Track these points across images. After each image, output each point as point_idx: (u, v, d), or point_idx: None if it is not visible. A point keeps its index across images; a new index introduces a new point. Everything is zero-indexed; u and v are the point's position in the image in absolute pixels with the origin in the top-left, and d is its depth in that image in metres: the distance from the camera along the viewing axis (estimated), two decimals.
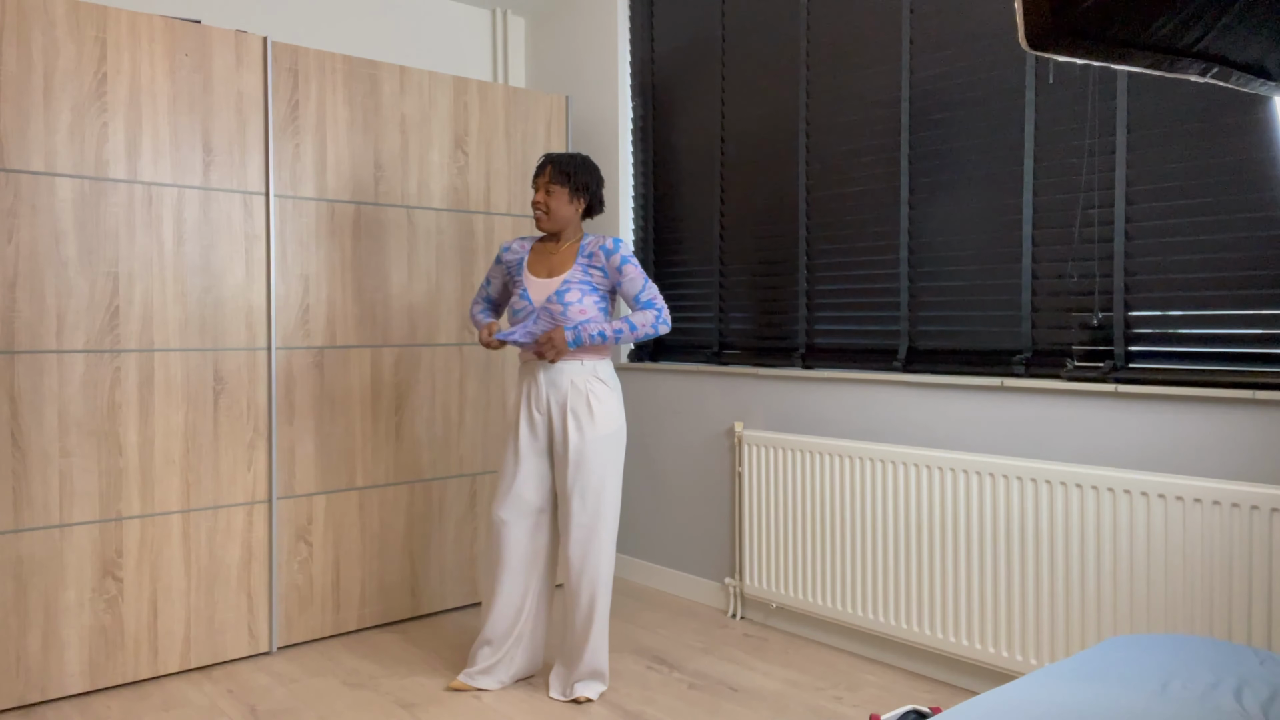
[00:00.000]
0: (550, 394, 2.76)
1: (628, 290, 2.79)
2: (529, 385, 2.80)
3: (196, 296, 3.02)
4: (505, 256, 2.90)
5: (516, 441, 2.80)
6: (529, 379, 2.80)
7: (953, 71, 2.90)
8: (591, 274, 2.77)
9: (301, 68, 3.22)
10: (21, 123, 2.70)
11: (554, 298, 2.73)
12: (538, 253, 2.87)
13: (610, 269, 2.78)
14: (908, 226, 3.04)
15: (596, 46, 4.16)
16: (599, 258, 2.78)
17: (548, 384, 2.76)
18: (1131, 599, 2.40)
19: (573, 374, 2.75)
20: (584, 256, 2.78)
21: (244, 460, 3.11)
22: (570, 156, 2.81)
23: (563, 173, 2.77)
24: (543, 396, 2.76)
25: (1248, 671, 1.60)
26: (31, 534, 2.74)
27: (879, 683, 2.89)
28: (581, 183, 2.79)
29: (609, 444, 2.75)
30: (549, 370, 2.75)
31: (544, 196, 2.78)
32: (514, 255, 2.88)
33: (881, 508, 2.97)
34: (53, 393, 2.77)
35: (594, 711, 2.71)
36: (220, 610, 3.08)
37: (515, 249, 2.89)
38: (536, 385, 2.77)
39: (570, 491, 2.74)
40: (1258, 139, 2.30)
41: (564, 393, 2.74)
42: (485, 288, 3.00)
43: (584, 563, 2.75)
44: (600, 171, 2.84)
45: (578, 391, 2.74)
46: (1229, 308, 2.36)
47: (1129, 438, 2.49)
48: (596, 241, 2.80)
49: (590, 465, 2.72)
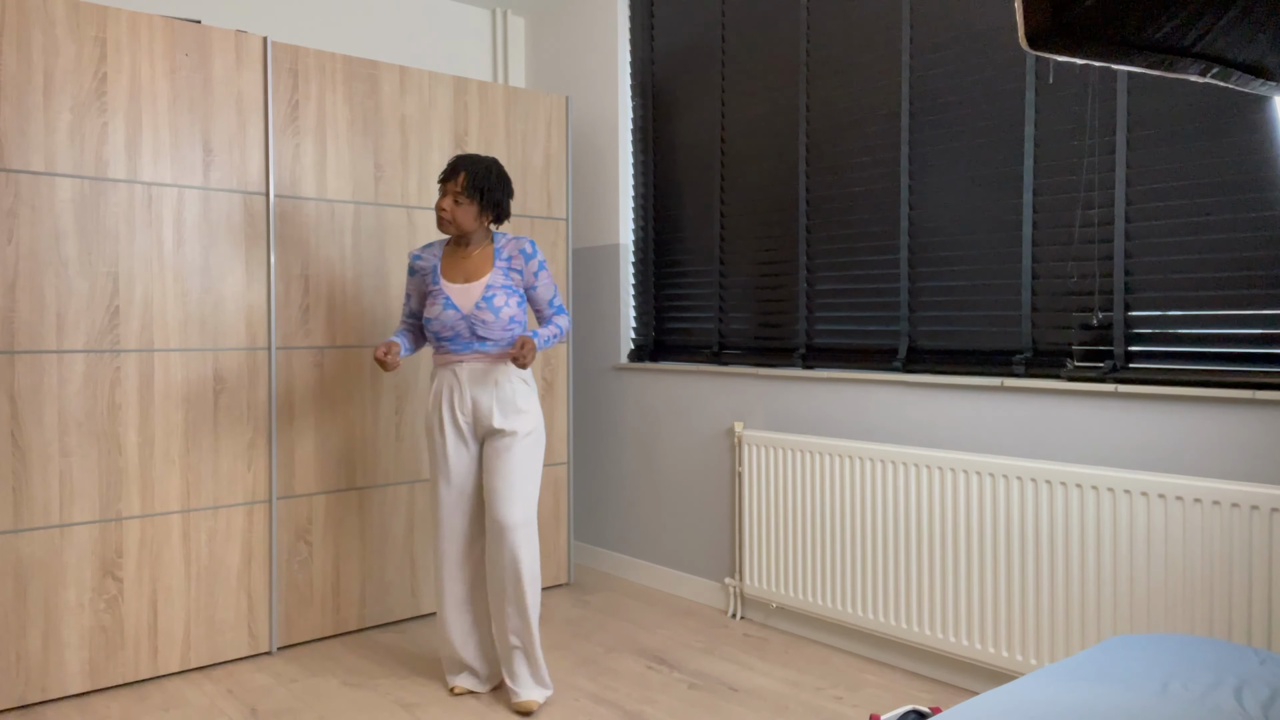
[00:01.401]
0: (476, 394, 2.71)
1: (542, 295, 2.79)
2: (451, 387, 2.73)
3: (196, 296, 3.02)
4: (418, 266, 2.81)
5: (444, 443, 2.75)
6: (450, 381, 2.74)
7: (953, 71, 2.90)
8: (512, 277, 2.75)
9: (301, 68, 3.22)
10: (21, 123, 2.70)
11: (482, 304, 2.68)
12: (449, 257, 2.79)
13: (527, 274, 2.76)
14: (908, 226, 3.04)
15: (596, 46, 4.16)
16: (519, 261, 2.75)
17: (472, 385, 2.71)
18: (1131, 599, 2.40)
19: (498, 375, 2.72)
20: (503, 260, 2.75)
21: (244, 460, 3.11)
22: (486, 168, 2.70)
23: (476, 187, 2.68)
24: (466, 397, 2.72)
25: (1248, 671, 1.60)
26: (31, 534, 2.74)
27: (879, 683, 2.89)
28: (494, 200, 2.72)
29: (535, 442, 2.75)
30: (474, 371, 2.71)
31: (450, 205, 2.69)
32: (426, 264, 2.80)
33: (881, 508, 2.97)
34: (53, 393, 2.77)
35: (594, 712, 2.71)
36: (220, 610, 3.08)
37: (426, 257, 2.80)
38: (459, 386, 2.72)
39: (498, 491, 2.69)
40: (1258, 139, 2.31)
41: (490, 393, 2.71)
42: (407, 304, 2.89)
43: (510, 569, 2.68)
44: (510, 180, 2.76)
45: (504, 392, 2.71)
46: (1229, 308, 2.36)
47: (1129, 438, 2.49)
48: (515, 244, 2.76)
49: (518, 463, 2.70)
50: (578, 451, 4.32)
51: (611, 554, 4.15)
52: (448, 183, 2.70)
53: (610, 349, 4.13)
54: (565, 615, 3.57)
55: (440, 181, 2.72)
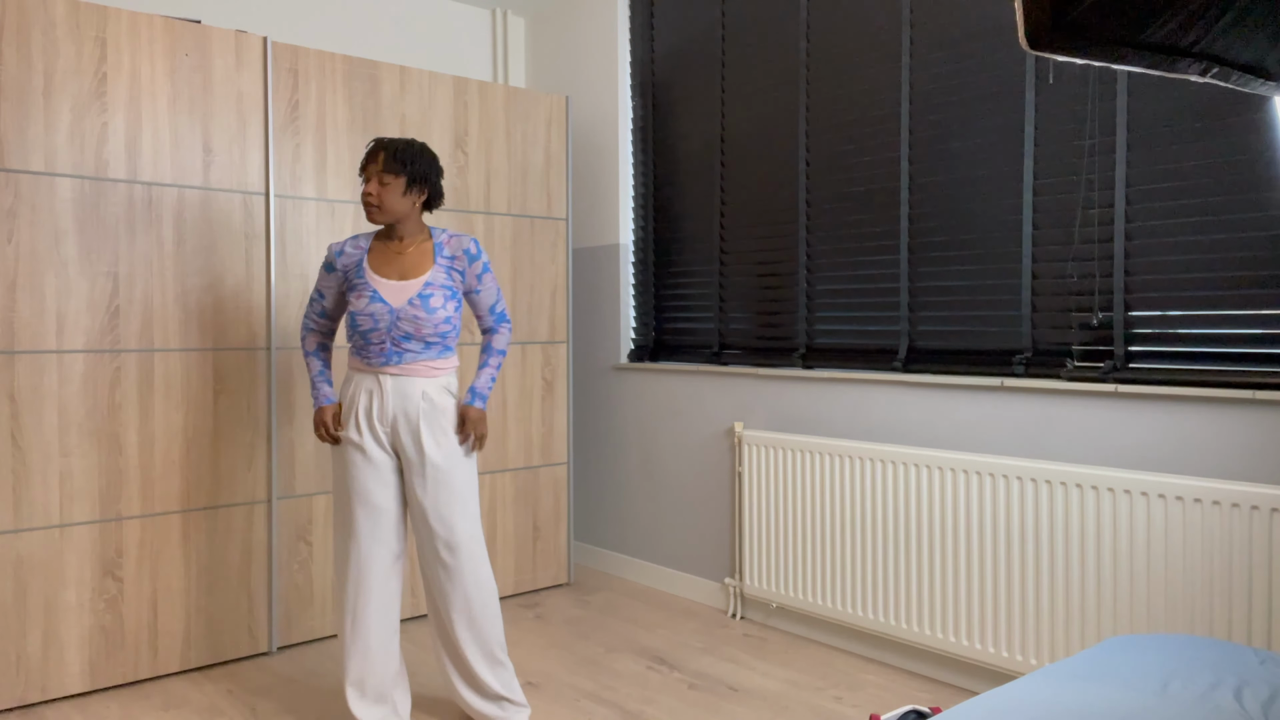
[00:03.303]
0: (397, 406, 2.47)
1: (485, 299, 2.60)
2: (370, 397, 2.48)
3: (196, 296, 3.02)
4: (340, 262, 2.53)
5: (364, 458, 2.48)
6: (370, 390, 2.48)
7: (953, 71, 2.90)
8: (453, 277, 2.53)
9: (301, 68, 3.22)
10: (21, 123, 2.70)
11: (416, 301, 2.44)
12: (379, 253, 2.52)
13: (470, 276, 2.55)
14: (908, 227, 3.04)
15: (596, 46, 4.16)
16: (461, 261, 2.53)
17: (396, 395, 2.47)
18: (1131, 599, 2.40)
19: (424, 386, 2.48)
20: (444, 258, 2.52)
21: (244, 460, 3.11)
22: (406, 143, 2.48)
23: (398, 160, 2.44)
24: (388, 409, 2.47)
25: (1248, 671, 1.60)
26: (31, 534, 2.74)
27: (879, 683, 2.89)
28: (419, 173, 2.47)
29: (470, 456, 2.55)
30: (397, 381, 2.47)
31: (376, 188, 2.44)
32: (350, 259, 2.52)
33: (881, 508, 2.97)
34: (53, 393, 2.77)
35: (594, 712, 2.71)
36: (220, 610, 3.08)
37: (349, 251, 2.52)
38: (381, 396, 2.47)
39: (436, 507, 2.48)
40: (1258, 139, 2.30)
41: (415, 405, 2.47)
42: (319, 301, 2.59)
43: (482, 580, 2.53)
44: (439, 161, 2.51)
45: (431, 404, 2.48)
46: (1229, 308, 2.36)
47: (1129, 438, 2.49)
48: (457, 243, 2.54)
49: (462, 480, 2.51)
50: (578, 451, 4.32)
51: (611, 554, 4.15)
52: (368, 166, 2.46)
53: (610, 349, 4.13)
54: (565, 615, 3.57)
55: (361, 168, 2.49)
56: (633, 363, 4.01)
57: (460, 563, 2.50)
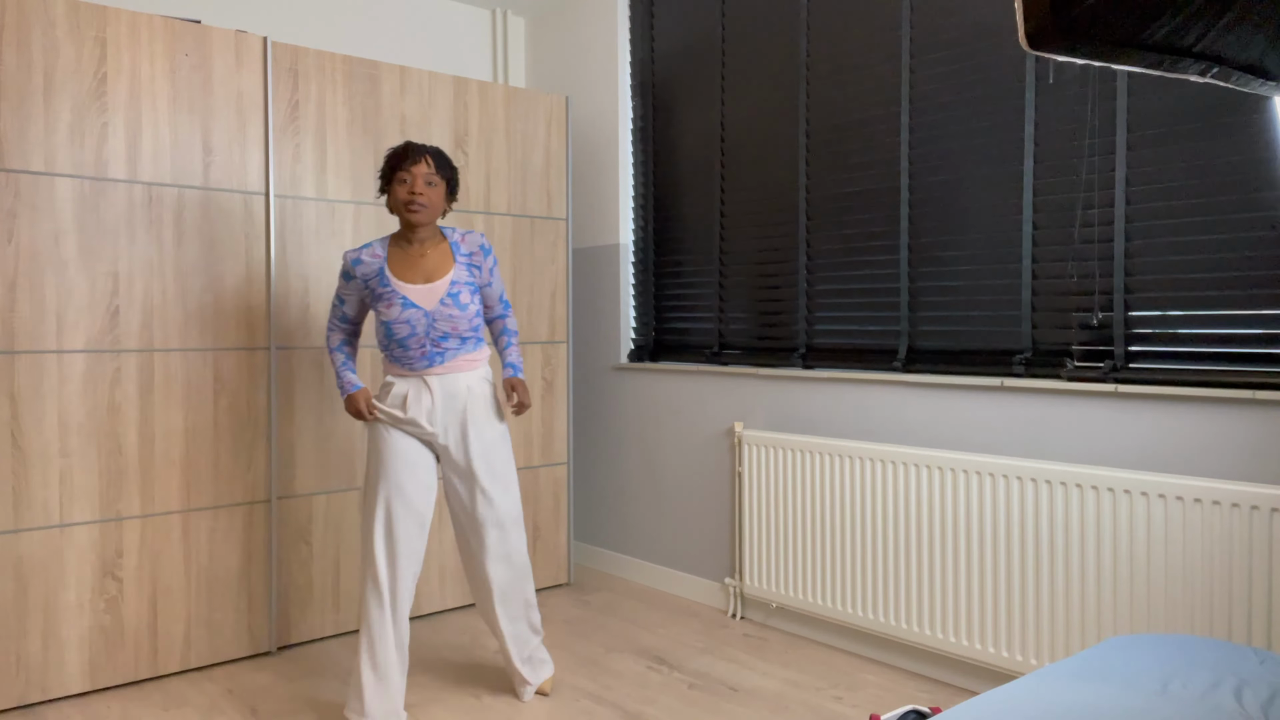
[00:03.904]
0: (445, 404, 2.61)
1: (495, 291, 2.74)
2: (418, 399, 2.59)
3: (196, 296, 3.02)
4: (358, 270, 2.59)
5: (405, 454, 2.59)
6: (417, 392, 2.59)
7: (953, 71, 2.90)
8: (473, 273, 2.65)
9: (301, 68, 3.22)
10: (21, 123, 2.70)
11: (448, 300, 2.56)
12: (398, 259, 2.59)
13: (484, 272, 2.68)
14: (908, 226, 3.03)
15: (596, 46, 4.16)
16: (479, 256, 2.66)
17: (444, 394, 2.60)
18: (1131, 599, 2.40)
19: (469, 381, 2.64)
20: (463, 255, 2.63)
21: (244, 460, 3.11)
22: (438, 149, 2.60)
23: (442, 165, 2.58)
24: (437, 407, 2.60)
25: (1248, 671, 1.60)
26: (31, 534, 2.74)
27: (879, 683, 2.89)
28: (456, 178, 2.64)
29: (507, 439, 2.73)
30: (443, 381, 2.61)
31: (425, 188, 2.52)
32: (368, 267, 2.58)
33: (881, 508, 2.97)
34: (53, 393, 2.77)
35: (594, 712, 2.71)
36: (220, 610, 3.08)
37: (366, 260, 2.59)
38: (430, 396, 2.59)
39: (484, 494, 2.64)
40: (1258, 139, 2.30)
41: (462, 400, 2.62)
42: (340, 307, 2.67)
43: (515, 562, 2.72)
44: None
45: (475, 395, 2.64)
46: (1229, 308, 2.36)
47: (1129, 438, 2.49)
48: (472, 240, 2.66)
49: (499, 462, 2.68)
50: (578, 451, 4.32)
51: (611, 554, 4.15)
52: (415, 167, 2.52)
53: (610, 349, 4.13)
54: (565, 615, 3.57)
55: (404, 169, 2.52)
56: (633, 363, 4.01)
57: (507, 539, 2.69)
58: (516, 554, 2.73)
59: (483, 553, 2.69)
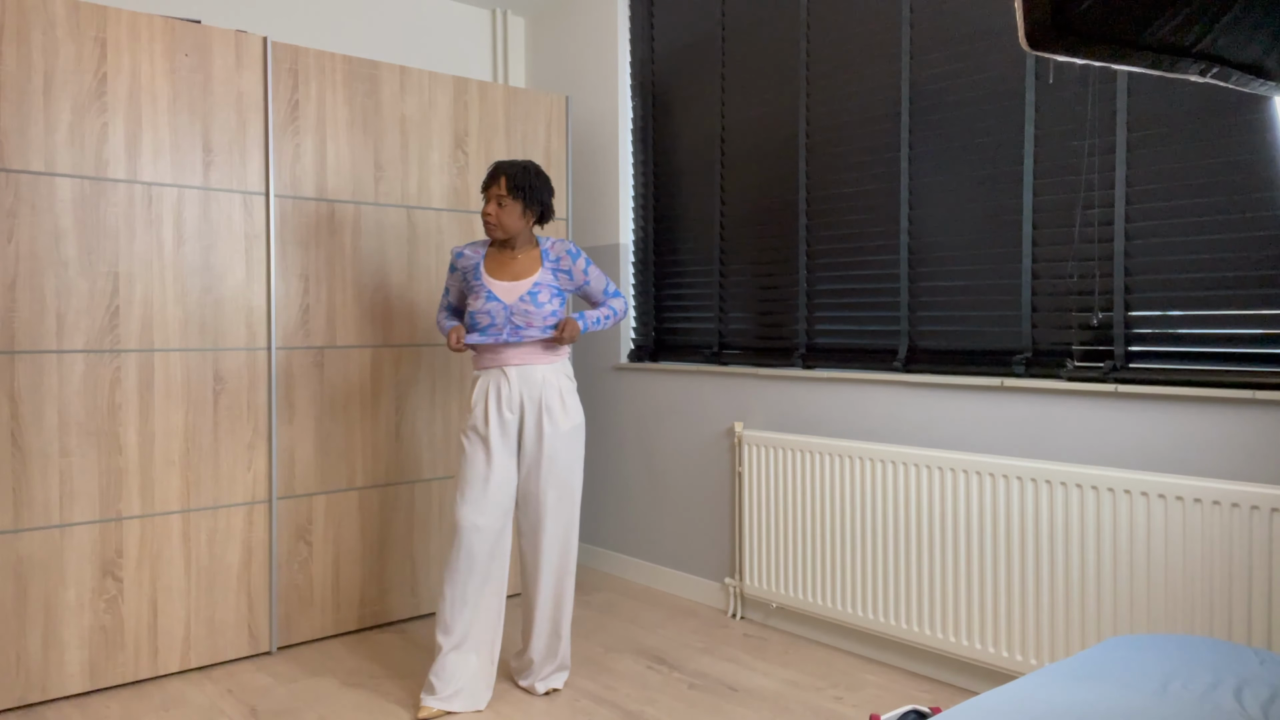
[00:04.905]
0: (524, 392, 2.76)
1: (595, 288, 2.91)
2: (497, 386, 2.77)
3: (196, 296, 3.02)
4: (459, 263, 2.86)
5: (487, 444, 2.74)
6: (497, 379, 2.77)
7: (953, 71, 2.90)
8: (560, 278, 2.82)
9: (301, 68, 3.22)
10: (21, 123, 2.70)
11: (526, 298, 2.74)
12: (494, 259, 2.83)
13: (577, 273, 2.86)
14: (908, 226, 3.04)
15: (596, 46, 4.16)
16: (566, 261, 2.84)
17: (521, 383, 2.76)
18: (1131, 599, 2.40)
19: (545, 372, 2.78)
20: (551, 262, 2.82)
21: (244, 460, 3.11)
22: (523, 168, 2.76)
23: (517, 187, 2.74)
24: (515, 395, 2.75)
25: (1248, 671, 1.60)
26: (31, 534, 2.74)
27: (879, 683, 2.89)
28: (536, 198, 2.77)
29: (578, 437, 2.82)
30: (521, 369, 2.76)
31: (495, 209, 2.75)
32: (468, 261, 2.84)
33: (881, 508, 2.97)
34: (53, 393, 2.77)
35: (594, 712, 2.71)
36: (220, 610, 3.08)
37: (469, 254, 2.85)
38: (507, 384, 2.75)
39: (545, 487, 2.77)
40: (1258, 139, 2.31)
41: (538, 390, 2.76)
42: (445, 296, 2.97)
43: (561, 558, 2.82)
44: (550, 180, 2.83)
45: (551, 388, 2.77)
46: (1229, 308, 2.36)
47: (1129, 438, 2.49)
48: (560, 246, 2.84)
49: (563, 459, 2.78)
50: None
51: (611, 554, 4.15)
52: (490, 188, 2.76)
53: (610, 349, 4.13)
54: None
55: (483, 189, 2.78)
56: (633, 363, 4.01)
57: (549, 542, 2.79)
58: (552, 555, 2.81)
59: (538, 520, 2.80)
